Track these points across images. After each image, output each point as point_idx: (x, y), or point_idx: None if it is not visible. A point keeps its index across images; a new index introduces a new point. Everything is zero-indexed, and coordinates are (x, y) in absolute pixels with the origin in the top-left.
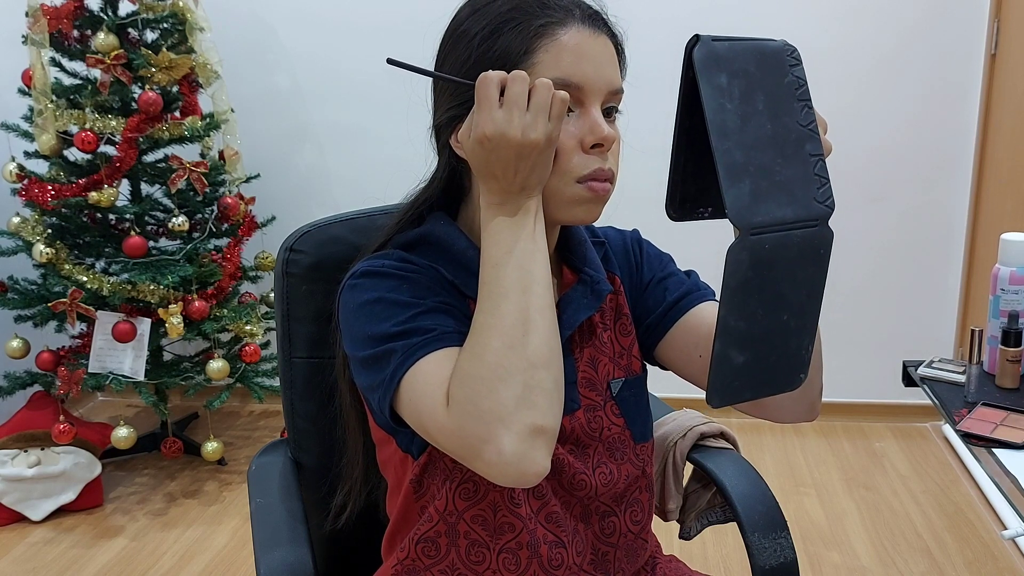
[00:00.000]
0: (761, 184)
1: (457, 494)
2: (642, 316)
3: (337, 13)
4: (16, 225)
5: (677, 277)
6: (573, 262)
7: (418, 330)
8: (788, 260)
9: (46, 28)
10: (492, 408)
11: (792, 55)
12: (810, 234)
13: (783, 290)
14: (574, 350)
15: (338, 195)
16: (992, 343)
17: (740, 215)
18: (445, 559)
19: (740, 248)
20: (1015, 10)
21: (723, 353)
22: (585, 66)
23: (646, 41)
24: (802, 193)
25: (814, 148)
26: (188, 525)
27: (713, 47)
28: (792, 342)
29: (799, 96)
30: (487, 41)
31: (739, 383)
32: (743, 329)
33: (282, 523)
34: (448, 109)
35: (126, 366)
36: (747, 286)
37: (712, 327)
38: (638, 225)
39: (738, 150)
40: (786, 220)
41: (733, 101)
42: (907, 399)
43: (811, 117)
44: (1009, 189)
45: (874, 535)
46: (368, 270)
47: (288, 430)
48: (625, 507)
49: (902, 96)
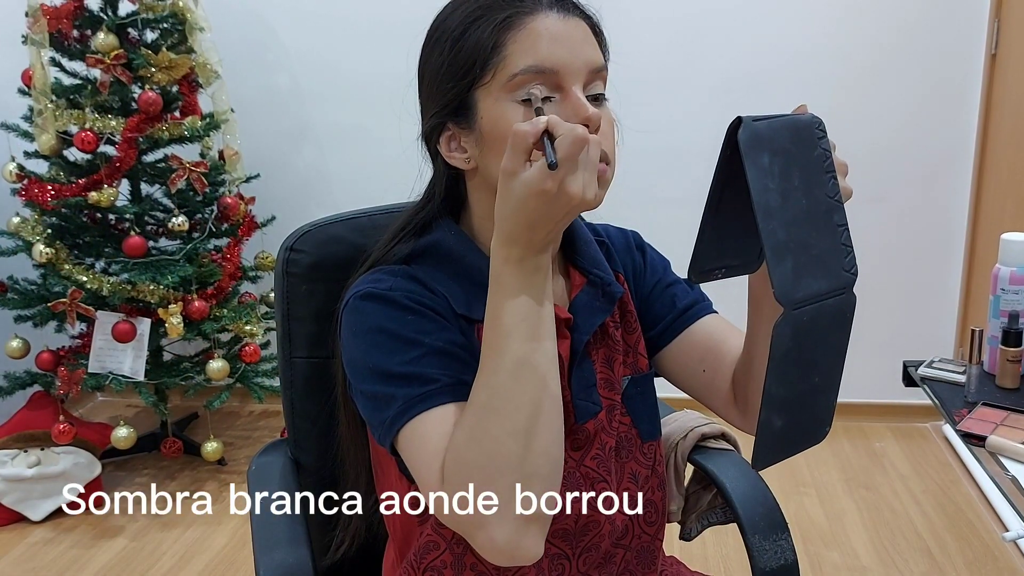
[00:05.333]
0: (801, 260)
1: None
2: (651, 321)
3: (337, 13)
4: (16, 225)
5: (682, 286)
6: (581, 263)
7: (420, 378)
8: (821, 328)
9: (46, 28)
10: (486, 498)
11: (819, 127)
12: (840, 301)
13: (816, 355)
14: (591, 353)
15: (338, 195)
16: (992, 343)
17: (786, 294)
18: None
19: (784, 323)
20: (1015, 10)
21: (767, 419)
22: (558, 49)
23: (646, 41)
24: (834, 264)
25: (840, 218)
26: (188, 525)
27: (755, 128)
28: (821, 401)
29: (826, 168)
30: (459, 40)
31: (778, 445)
32: (782, 395)
33: (282, 524)
34: (432, 116)
35: (126, 366)
36: (787, 356)
37: (717, 342)
38: (635, 218)
39: (781, 229)
40: (821, 292)
41: (775, 180)
42: (907, 399)
43: (837, 188)
44: (1009, 189)
45: (874, 535)
46: (372, 292)
47: (288, 430)
48: (640, 509)
49: (902, 96)
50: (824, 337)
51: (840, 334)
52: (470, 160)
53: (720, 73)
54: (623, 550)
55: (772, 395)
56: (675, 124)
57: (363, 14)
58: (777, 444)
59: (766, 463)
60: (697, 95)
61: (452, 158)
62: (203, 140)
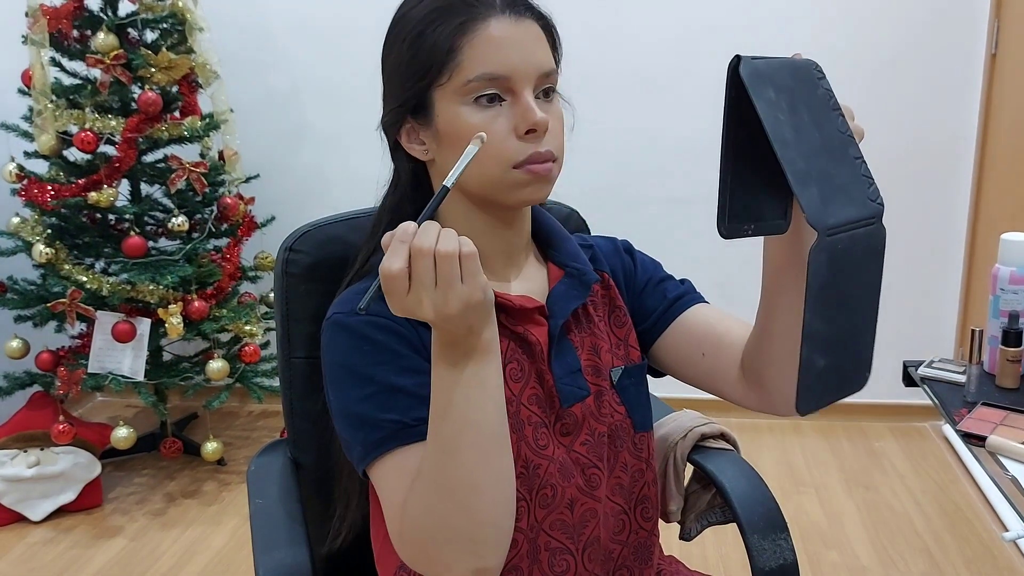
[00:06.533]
0: (825, 188)
1: None
2: (643, 317)
3: (336, 13)
4: (16, 225)
5: (673, 281)
6: (558, 258)
7: (370, 422)
8: (856, 259)
9: (46, 28)
10: (436, 557)
11: (817, 69)
12: (871, 232)
13: (852, 290)
14: (572, 339)
15: (338, 195)
16: (992, 343)
17: (817, 217)
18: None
19: (819, 250)
20: (1015, 10)
21: (809, 358)
22: (510, 55)
23: (646, 43)
24: (858, 194)
25: (856, 152)
26: (187, 525)
27: (756, 65)
28: (861, 341)
29: (832, 106)
30: (417, 40)
31: (822, 386)
32: (824, 332)
33: (281, 524)
34: (391, 110)
35: (125, 366)
36: (826, 288)
37: (712, 326)
38: (634, 222)
39: (800, 159)
40: (852, 220)
41: (784, 113)
42: (907, 399)
43: (846, 125)
44: (1009, 189)
45: (874, 535)
46: (339, 322)
47: (287, 430)
48: (636, 504)
49: (902, 96)
50: (859, 270)
51: (874, 268)
52: (428, 152)
53: (721, 75)
54: (620, 546)
55: (813, 332)
56: (676, 126)
57: (363, 14)
58: (821, 385)
59: (810, 406)
60: (699, 97)
61: (412, 150)
62: (203, 140)
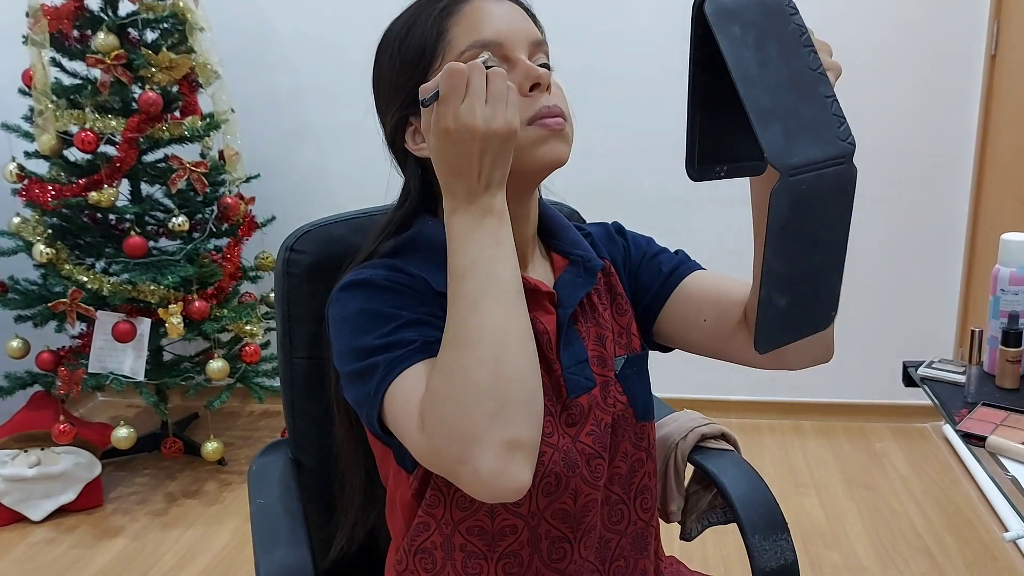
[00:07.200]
0: (790, 126)
1: (454, 504)
2: (641, 293)
3: (337, 12)
4: (16, 225)
5: (667, 253)
6: (561, 247)
7: (400, 343)
8: (821, 200)
9: (46, 28)
10: (464, 428)
11: (790, 4)
12: (839, 172)
13: (816, 230)
14: (579, 329)
15: (338, 195)
16: (992, 343)
17: (779, 157)
18: (442, 572)
19: (781, 191)
20: (1015, 10)
21: (768, 297)
22: (498, 24)
23: (646, 39)
24: (827, 132)
25: (827, 90)
26: (188, 525)
27: (721, 1)
28: (824, 280)
29: (804, 43)
30: (405, 39)
31: (782, 326)
32: (784, 272)
33: (282, 524)
34: (394, 114)
35: (126, 366)
36: (787, 228)
37: (712, 290)
38: (634, 222)
39: (764, 95)
40: (817, 159)
41: (750, 49)
42: (907, 399)
43: (818, 61)
44: (1009, 189)
45: (874, 535)
46: (352, 281)
47: (288, 430)
48: (635, 494)
49: (902, 96)
50: (825, 210)
51: (842, 208)
52: None
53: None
54: (617, 535)
55: (773, 271)
56: (676, 126)
57: (363, 15)
58: (781, 324)
59: (770, 344)
60: None
61: (420, 150)
62: (203, 140)
